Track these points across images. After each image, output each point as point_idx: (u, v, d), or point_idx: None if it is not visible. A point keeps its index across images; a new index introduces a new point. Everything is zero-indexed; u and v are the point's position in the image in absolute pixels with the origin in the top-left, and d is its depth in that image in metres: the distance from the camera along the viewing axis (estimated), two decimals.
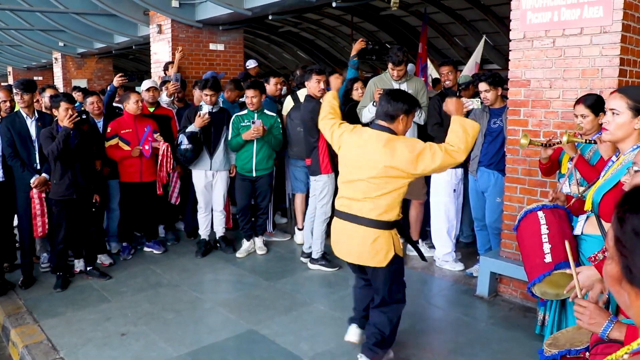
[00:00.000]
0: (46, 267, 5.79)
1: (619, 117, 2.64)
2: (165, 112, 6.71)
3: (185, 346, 4.10)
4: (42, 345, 4.20)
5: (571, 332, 2.51)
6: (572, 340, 2.40)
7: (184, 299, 5.02)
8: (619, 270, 1.09)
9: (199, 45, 9.68)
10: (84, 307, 4.87)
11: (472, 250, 6.04)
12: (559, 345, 2.40)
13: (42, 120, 5.46)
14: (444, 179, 5.66)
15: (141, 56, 21.13)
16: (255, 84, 5.91)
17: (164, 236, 6.90)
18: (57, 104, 5.06)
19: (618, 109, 2.65)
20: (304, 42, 19.07)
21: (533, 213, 3.15)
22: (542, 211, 3.12)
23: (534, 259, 3.03)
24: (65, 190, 5.11)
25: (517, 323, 4.43)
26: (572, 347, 2.33)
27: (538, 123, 4.51)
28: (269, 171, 6.11)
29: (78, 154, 5.17)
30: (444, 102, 5.57)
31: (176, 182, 6.65)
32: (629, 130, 2.65)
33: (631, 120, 2.62)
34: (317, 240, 5.71)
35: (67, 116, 4.99)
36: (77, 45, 14.16)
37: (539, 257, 2.99)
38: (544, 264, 2.95)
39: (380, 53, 14.90)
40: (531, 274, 3.04)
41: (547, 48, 4.37)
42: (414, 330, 4.35)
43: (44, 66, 19.93)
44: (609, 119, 2.69)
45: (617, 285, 1.12)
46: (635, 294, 1.07)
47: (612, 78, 4.01)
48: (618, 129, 2.66)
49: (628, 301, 1.11)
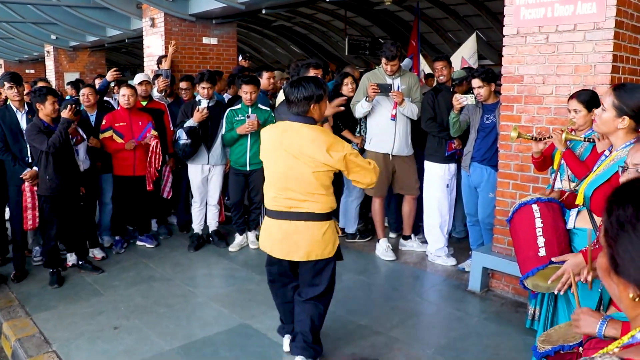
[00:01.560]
0: (38, 260, 5.77)
1: (605, 114, 2.68)
2: (157, 106, 6.70)
3: (177, 340, 4.10)
4: (35, 338, 4.19)
5: (564, 328, 2.53)
6: (565, 336, 2.42)
7: (176, 293, 5.02)
8: (607, 261, 1.12)
9: (192, 39, 9.64)
10: (77, 300, 4.86)
11: (465, 246, 6.06)
12: (552, 341, 2.42)
13: (32, 113, 5.42)
14: (437, 174, 5.68)
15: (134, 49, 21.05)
16: (252, 80, 5.89)
17: (156, 230, 6.89)
18: (43, 98, 4.97)
19: (605, 105, 2.68)
20: (298, 36, 19.07)
21: (527, 206, 3.16)
22: (537, 204, 3.13)
23: (527, 252, 3.05)
24: (53, 185, 5.05)
25: (509, 318, 4.46)
26: (566, 342, 2.35)
27: (531, 119, 4.53)
28: (262, 165, 6.09)
29: (64, 147, 5.11)
30: (437, 97, 5.65)
31: (168, 176, 6.64)
32: (611, 128, 2.68)
33: (614, 119, 2.64)
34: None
35: (68, 109, 4.99)
36: (70, 38, 14.07)
37: (532, 250, 3.01)
38: (538, 258, 2.97)
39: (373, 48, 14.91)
40: (524, 267, 3.06)
41: (540, 44, 4.38)
42: (406, 325, 4.36)
43: (36, 59, 19.79)
44: (599, 112, 2.73)
45: (607, 277, 1.14)
46: (622, 286, 1.10)
47: (604, 74, 4.03)
48: (602, 124, 2.72)
49: (617, 293, 1.13)
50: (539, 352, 2.41)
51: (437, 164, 5.68)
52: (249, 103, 5.85)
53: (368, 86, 5.50)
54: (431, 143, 5.72)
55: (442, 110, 5.59)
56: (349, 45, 14.95)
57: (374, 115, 5.74)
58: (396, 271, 5.64)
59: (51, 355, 3.93)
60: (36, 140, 4.93)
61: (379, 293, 5.14)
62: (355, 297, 4.92)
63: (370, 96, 5.48)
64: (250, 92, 5.79)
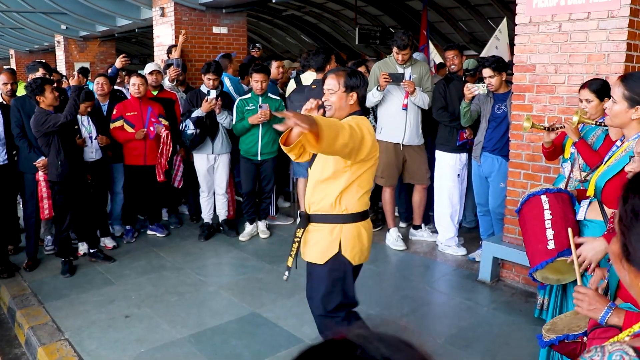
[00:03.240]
0: (50, 249, 5.81)
1: (616, 106, 2.59)
2: (168, 96, 6.69)
3: (188, 328, 4.13)
4: (47, 326, 4.23)
5: (569, 317, 2.52)
6: (570, 325, 2.41)
7: (187, 282, 5.05)
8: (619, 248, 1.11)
9: (202, 28, 9.62)
10: (88, 289, 4.90)
11: (475, 235, 6.04)
12: (557, 330, 2.41)
13: None
14: (448, 164, 5.66)
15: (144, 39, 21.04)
16: (263, 69, 5.87)
17: (167, 219, 6.92)
18: (41, 89, 4.87)
19: (615, 97, 2.60)
20: (308, 25, 18.99)
21: (536, 197, 3.13)
22: (546, 195, 3.10)
23: (536, 245, 3.02)
24: (65, 171, 5.04)
25: (519, 308, 4.45)
26: (570, 332, 2.34)
27: (543, 108, 4.50)
28: (273, 155, 6.10)
29: (71, 133, 5.13)
30: (448, 86, 5.62)
31: (179, 165, 6.65)
32: (624, 120, 2.59)
33: (627, 110, 2.56)
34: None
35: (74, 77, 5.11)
36: (80, 28, 14.08)
37: (541, 243, 2.98)
38: (547, 251, 2.94)
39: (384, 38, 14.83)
40: (533, 260, 3.03)
41: (553, 33, 4.34)
42: (416, 315, 4.37)
43: (47, 49, 19.84)
44: (610, 105, 2.66)
45: (619, 264, 1.15)
46: (634, 274, 1.10)
47: (618, 63, 3.98)
48: (615, 116, 2.62)
49: (628, 280, 1.13)
50: (544, 341, 2.40)
51: (448, 153, 5.66)
52: (259, 92, 5.84)
53: (379, 75, 5.48)
54: (442, 132, 5.70)
55: (454, 100, 5.56)
56: (359, 34, 14.85)
57: (385, 105, 5.72)
58: (406, 261, 5.63)
59: (64, 343, 3.96)
60: (50, 121, 4.84)
61: (389, 282, 5.14)
62: (365, 286, 4.91)
63: (381, 85, 5.46)
64: (261, 80, 5.77)
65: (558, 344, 2.33)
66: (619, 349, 0.98)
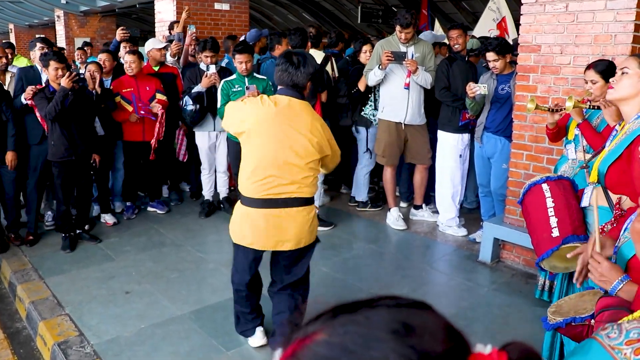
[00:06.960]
0: (50, 225, 5.81)
1: (628, 76, 2.56)
2: (170, 70, 6.63)
3: (188, 305, 4.14)
4: (48, 301, 4.24)
5: (575, 300, 2.47)
6: (575, 308, 2.35)
7: (187, 259, 5.05)
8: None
9: (203, 4, 9.52)
10: (89, 265, 4.90)
11: (476, 216, 6.04)
12: (562, 313, 2.36)
13: None
14: (451, 144, 5.63)
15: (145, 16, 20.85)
16: (246, 48, 5.64)
17: (167, 196, 6.91)
18: (46, 63, 4.91)
19: (629, 67, 2.57)
20: (309, 3, 18.80)
21: (537, 186, 3.10)
22: (547, 183, 3.07)
23: (541, 234, 3.00)
24: (64, 151, 5.01)
25: (519, 289, 4.46)
26: (577, 314, 2.28)
27: (547, 89, 4.46)
28: None
29: (74, 113, 5.04)
30: (451, 66, 5.57)
31: (182, 139, 6.61)
32: (633, 92, 2.56)
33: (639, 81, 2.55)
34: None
35: (66, 76, 4.80)
36: (80, 3, 13.96)
37: (546, 231, 2.95)
38: (552, 239, 2.92)
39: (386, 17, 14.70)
40: (539, 249, 3.01)
41: (559, 12, 4.28)
42: (416, 294, 4.38)
43: (46, 24, 19.68)
44: (617, 77, 2.62)
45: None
46: None
47: (625, 45, 3.94)
48: (624, 87, 2.56)
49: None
50: (550, 324, 2.36)
51: (451, 133, 5.63)
52: (244, 73, 5.60)
53: (382, 54, 5.43)
54: (445, 112, 5.66)
55: (457, 80, 5.51)
56: (361, 13, 14.72)
57: (387, 84, 5.68)
58: (407, 240, 5.64)
59: (64, 317, 3.98)
60: (39, 106, 4.91)
61: (390, 262, 5.15)
62: (365, 266, 4.93)
63: (383, 64, 5.41)
64: (245, 61, 5.50)
65: (565, 326, 2.30)
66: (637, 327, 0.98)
